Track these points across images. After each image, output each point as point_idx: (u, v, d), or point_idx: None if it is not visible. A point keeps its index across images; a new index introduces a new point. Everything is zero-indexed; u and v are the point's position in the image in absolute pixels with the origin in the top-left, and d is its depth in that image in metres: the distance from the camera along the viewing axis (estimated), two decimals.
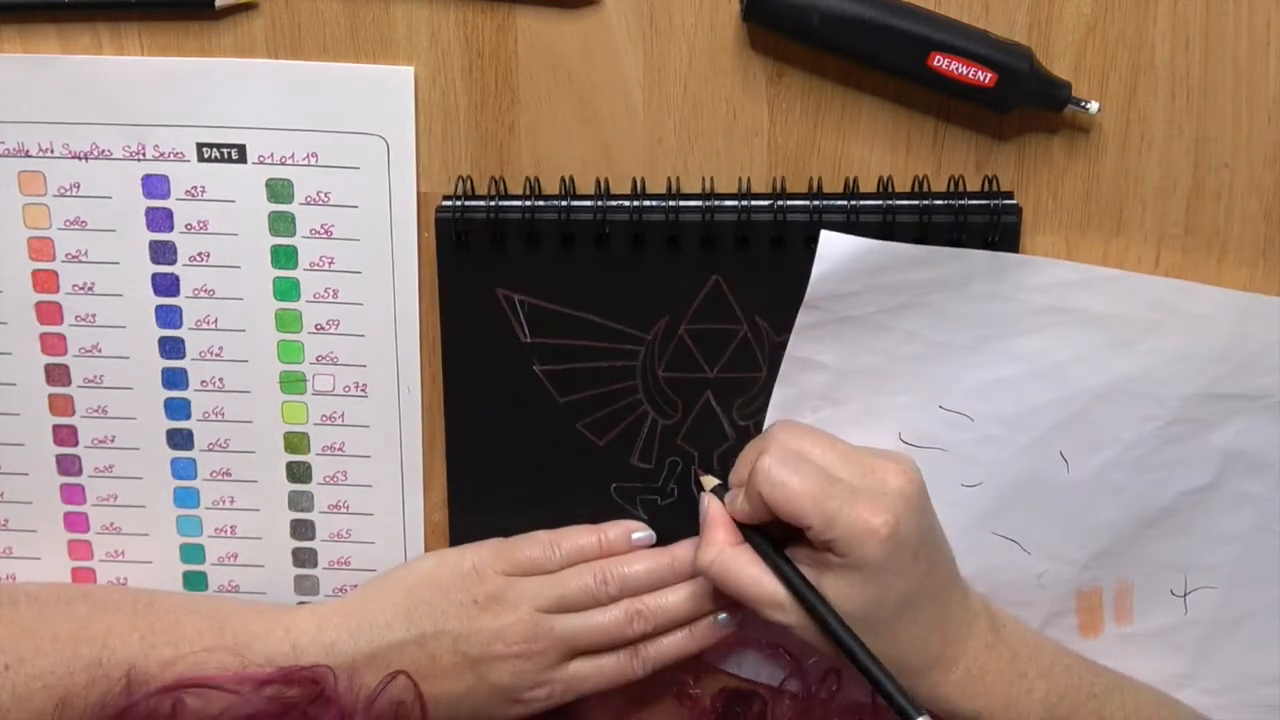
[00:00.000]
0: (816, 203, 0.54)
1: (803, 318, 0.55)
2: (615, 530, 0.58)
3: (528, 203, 0.55)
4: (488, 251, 0.56)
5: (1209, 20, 0.53)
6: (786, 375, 0.57)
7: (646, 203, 0.55)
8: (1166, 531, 0.58)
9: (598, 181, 0.55)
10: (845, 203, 0.54)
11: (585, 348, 0.57)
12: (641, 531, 0.58)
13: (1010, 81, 0.51)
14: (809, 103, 0.55)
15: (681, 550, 0.58)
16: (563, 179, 0.55)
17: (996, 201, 0.54)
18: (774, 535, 0.54)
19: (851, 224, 0.54)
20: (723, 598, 0.56)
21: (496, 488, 0.59)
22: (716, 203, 0.54)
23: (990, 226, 0.54)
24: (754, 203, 0.54)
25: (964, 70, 0.51)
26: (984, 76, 0.51)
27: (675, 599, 0.57)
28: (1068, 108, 0.53)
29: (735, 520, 0.55)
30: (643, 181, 0.55)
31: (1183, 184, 0.55)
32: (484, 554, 0.57)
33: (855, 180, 0.55)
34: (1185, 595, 0.59)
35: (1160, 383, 0.56)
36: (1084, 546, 0.58)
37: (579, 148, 0.55)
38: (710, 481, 0.58)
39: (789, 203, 0.54)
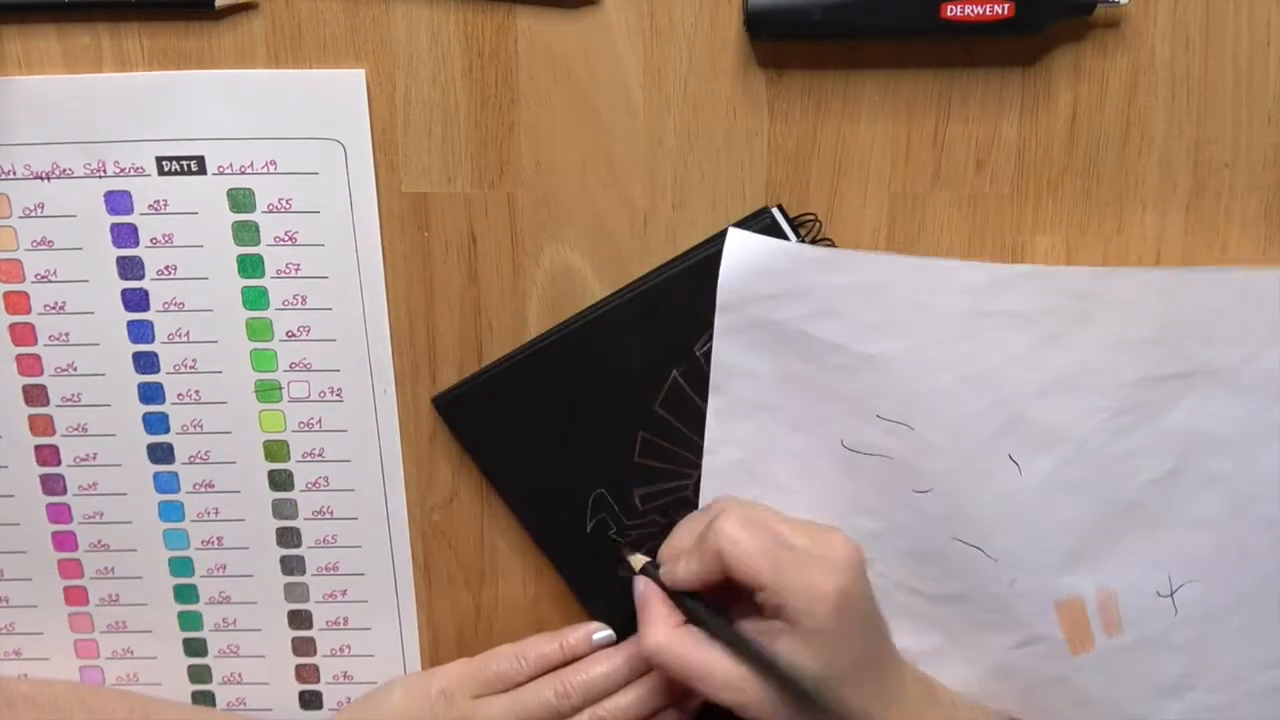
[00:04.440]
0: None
1: (720, 320, 0.55)
2: (576, 635, 0.59)
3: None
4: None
5: (1209, 20, 0.53)
6: (718, 383, 0.56)
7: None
8: (1138, 527, 0.56)
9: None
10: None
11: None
12: (602, 632, 0.60)
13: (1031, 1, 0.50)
14: (809, 102, 0.54)
15: (636, 647, 0.58)
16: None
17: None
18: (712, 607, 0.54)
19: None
20: (677, 687, 0.57)
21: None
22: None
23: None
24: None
25: (980, 10, 0.50)
26: (1002, 8, 0.50)
27: (635, 697, 0.58)
28: (1099, 7, 0.51)
29: (675, 594, 0.54)
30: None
31: (1183, 184, 0.55)
32: (451, 677, 0.59)
33: None
34: (1172, 594, 0.57)
35: (1099, 373, 0.54)
36: (1052, 550, 0.57)
37: (579, 148, 0.55)
38: (639, 561, 0.57)
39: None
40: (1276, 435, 0.55)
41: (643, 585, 0.56)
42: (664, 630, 0.53)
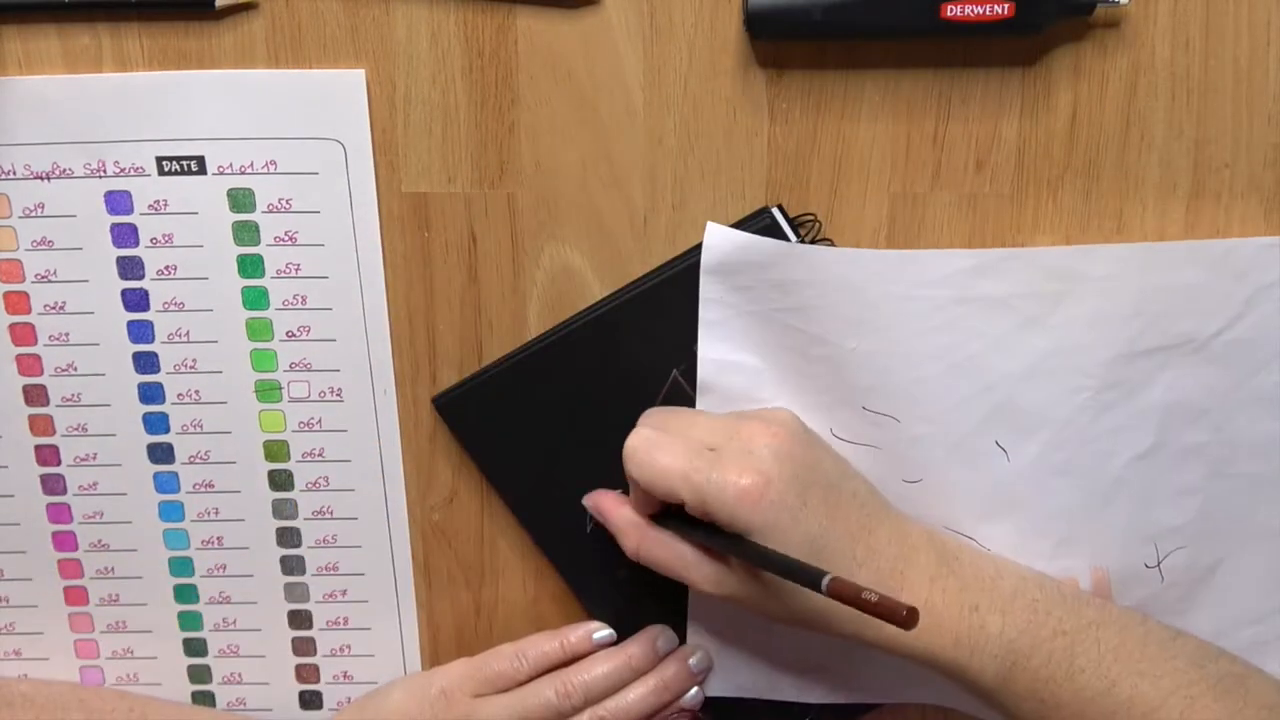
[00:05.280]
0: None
1: (704, 313, 0.55)
2: (576, 634, 0.60)
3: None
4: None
5: (1209, 20, 0.53)
6: (706, 382, 0.56)
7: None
8: (1125, 504, 0.57)
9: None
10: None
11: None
12: (602, 631, 0.60)
13: (1031, 1, 0.50)
14: (809, 102, 0.54)
15: (636, 647, 0.59)
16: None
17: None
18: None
19: None
20: (678, 686, 0.58)
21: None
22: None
23: None
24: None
25: (980, 10, 0.50)
26: (1002, 8, 0.50)
27: (635, 697, 0.58)
28: (1099, 7, 0.51)
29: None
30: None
31: (1183, 184, 0.55)
32: (451, 677, 0.59)
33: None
34: (1159, 564, 0.58)
35: (1079, 352, 0.54)
36: (1044, 535, 0.57)
37: (579, 148, 0.55)
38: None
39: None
40: (1252, 400, 0.56)
41: (591, 501, 0.57)
42: (633, 539, 0.54)
